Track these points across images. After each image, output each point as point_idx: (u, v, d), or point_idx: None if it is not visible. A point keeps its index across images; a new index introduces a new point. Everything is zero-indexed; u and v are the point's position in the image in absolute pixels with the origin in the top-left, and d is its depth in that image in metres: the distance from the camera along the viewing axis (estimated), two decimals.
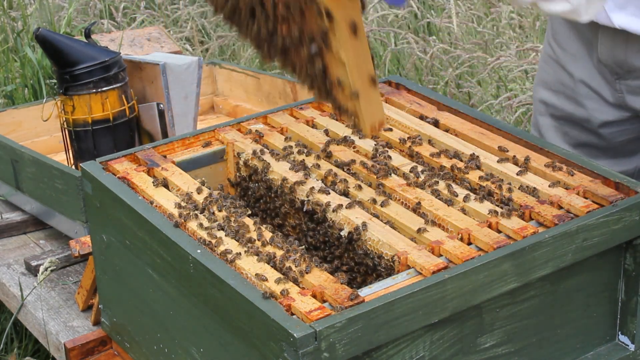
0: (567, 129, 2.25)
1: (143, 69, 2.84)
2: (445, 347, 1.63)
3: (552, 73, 2.27)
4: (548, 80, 2.28)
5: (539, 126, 2.32)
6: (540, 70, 2.33)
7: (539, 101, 2.31)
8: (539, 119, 2.32)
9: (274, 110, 2.15)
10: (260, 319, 1.51)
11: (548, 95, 2.28)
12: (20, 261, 2.63)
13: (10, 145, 2.73)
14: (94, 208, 1.96)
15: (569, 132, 2.25)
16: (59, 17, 4.60)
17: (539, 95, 2.31)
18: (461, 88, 4.20)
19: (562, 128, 2.26)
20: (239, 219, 1.76)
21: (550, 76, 2.27)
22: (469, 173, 1.88)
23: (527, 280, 1.66)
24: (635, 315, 1.80)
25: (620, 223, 1.72)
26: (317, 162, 1.94)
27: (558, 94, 2.25)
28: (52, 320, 2.36)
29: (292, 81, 3.25)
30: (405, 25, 4.79)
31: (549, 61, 2.27)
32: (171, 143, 2.05)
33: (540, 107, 2.31)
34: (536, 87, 2.33)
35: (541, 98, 2.30)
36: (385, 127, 2.05)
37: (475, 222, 1.72)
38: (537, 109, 2.33)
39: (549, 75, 2.28)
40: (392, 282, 1.59)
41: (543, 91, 2.30)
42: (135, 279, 1.87)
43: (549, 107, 2.28)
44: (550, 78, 2.28)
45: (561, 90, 2.24)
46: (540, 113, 2.31)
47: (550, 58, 2.27)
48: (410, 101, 2.17)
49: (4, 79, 4.04)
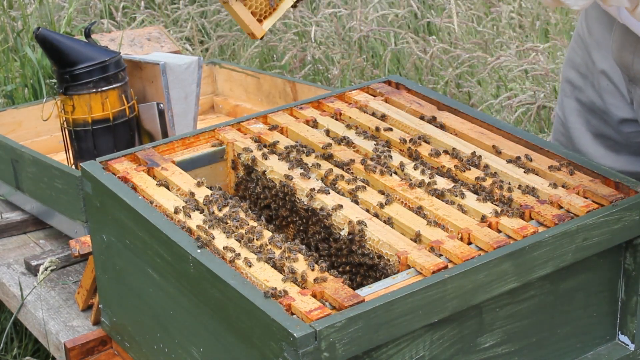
0: (590, 116, 2.13)
1: (143, 69, 2.84)
2: (445, 346, 1.63)
3: (580, 55, 2.12)
4: (577, 61, 2.14)
5: (563, 107, 2.19)
6: (570, 49, 2.18)
7: (566, 81, 2.18)
8: (564, 99, 2.19)
9: (274, 110, 2.15)
10: (260, 319, 1.51)
11: (575, 76, 2.14)
12: (20, 261, 2.63)
13: (10, 145, 2.73)
14: (94, 208, 1.96)
15: (590, 119, 2.13)
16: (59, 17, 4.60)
17: (566, 74, 2.17)
18: (461, 88, 4.20)
19: (585, 114, 2.14)
20: (238, 219, 1.76)
21: (579, 58, 2.13)
22: (469, 173, 1.88)
23: (527, 280, 1.66)
24: (635, 314, 1.80)
25: (620, 223, 1.72)
26: (317, 162, 1.94)
27: (585, 79, 2.12)
28: (52, 320, 2.36)
29: (292, 81, 3.25)
30: (405, 25, 4.79)
31: (579, 41, 2.13)
32: (171, 143, 2.05)
33: (566, 87, 2.18)
34: (565, 66, 2.19)
35: (568, 78, 2.17)
36: (386, 127, 2.05)
37: (475, 222, 1.72)
38: (563, 89, 2.19)
39: (577, 56, 2.14)
40: (392, 282, 1.59)
41: (571, 71, 2.16)
42: (135, 278, 1.87)
43: (575, 89, 2.15)
44: (579, 60, 2.14)
45: (586, 75, 2.11)
46: (566, 94, 2.18)
47: (580, 38, 2.12)
48: (410, 101, 2.17)
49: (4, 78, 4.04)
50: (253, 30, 1.85)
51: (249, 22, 1.84)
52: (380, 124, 2.07)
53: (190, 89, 2.85)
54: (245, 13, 1.84)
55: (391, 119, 2.10)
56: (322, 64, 4.50)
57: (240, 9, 1.83)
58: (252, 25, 1.85)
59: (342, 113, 2.13)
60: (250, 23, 1.85)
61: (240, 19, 1.84)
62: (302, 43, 4.66)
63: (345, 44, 4.64)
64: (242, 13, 1.83)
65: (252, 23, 1.85)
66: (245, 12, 1.84)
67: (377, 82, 2.26)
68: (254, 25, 1.85)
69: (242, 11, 1.83)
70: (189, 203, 1.81)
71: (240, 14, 1.83)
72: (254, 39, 1.89)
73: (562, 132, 2.20)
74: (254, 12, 1.85)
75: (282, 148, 2.00)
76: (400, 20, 4.74)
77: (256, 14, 1.86)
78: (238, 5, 1.82)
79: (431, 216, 1.75)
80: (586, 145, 2.14)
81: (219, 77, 3.48)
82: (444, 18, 4.49)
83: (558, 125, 2.22)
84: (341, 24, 4.73)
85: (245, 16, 1.84)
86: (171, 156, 2.01)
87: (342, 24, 4.74)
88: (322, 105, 2.18)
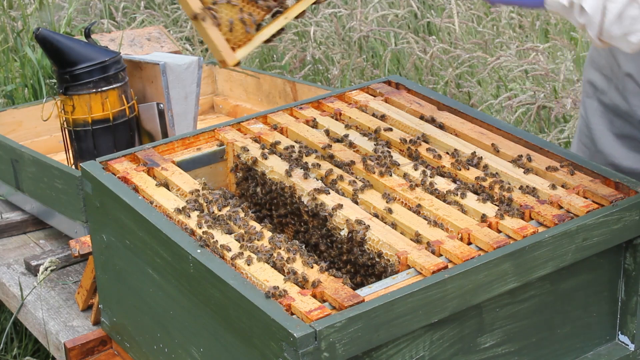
0: (613, 117, 2.13)
1: (143, 69, 2.84)
2: (445, 346, 1.63)
3: (605, 57, 2.12)
4: (600, 63, 2.14)
5: (585, 108, 2.19)
6: (593, 51, 2.18)
7: (588, 82, 2.18)
8: (586, 101, 2.19)
9: (274, 110, 2.15)
10: (260, 319, 1.51)
11: (598, 78, 2.15)
12: (20, 261, 2.63)
13: (10, 145, 2.73)
14: (94, 208, 1.96)
15: (614, 120, 2.14)
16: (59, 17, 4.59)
17: (588, 76, 2.18)
18: (461, 88, 4.20)
19: (608, 115, 2.14)
20: (239, 219, 1.76)
21: (603, 59, 2.13)
22: (469, 173, 1.88)
23: (527, 280, 1.66)
24: (635, 314, 1.80)
25: (620, 223, 1.72)
26: (317, 162, 1.93)
27: (608, 80, 2.12)
28: (52, 320, 2.36)
29: (292, 81, 3.25)
30: (405, 25, 4.79)
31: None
32: (171, 143, 2.05)
33: (588, 88, 2.19)
34: (587, 67, 2.19)
35: (590, 79, 2.17)
36: (385, 127, 2.05)
37: (475, 222, 1.72)
38: (585, 90, 2.20)
39: (601, 57, 2.14)
40: (392, 282, 1.59)
41: (593, 73, 2.16)
42: (135, 278, 1.87)
43: (597, 91, 2.15)
44: (602, 61, 2.13)
45: (610, 77, 2.12)
46: (588, 95, 2.19)
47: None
48: (410, 101, 2.17)
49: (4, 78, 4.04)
50: (225, 57, 1.78)
51: (222, 48, 1.77)
52: (380, 124, 2.07)
53: (190, 89, 2.85)
54: (219, 39, 1.76)
55: (391, 119, 2.10)
56: (322, 64, 4.50)
57: (214, 33, 1.76)
58: (225, 52, 1.77)
59: (342, 113, 2.13)
60: (223, 50, 1.77)
61: (214, 44, 1.76)
62: (302, 43, 4.66)
63: (345, 44, 4.64)
64: (216, 38, 1.76)
65: (225, 50, 1.77)
66: (219, 37, 1.76)
67: (377, 82, 2.26)
68: (227, 52, 1.78)
69: (216, 36, 1.76)
70: (189, 203, 1.81)
71: (213, 38, 1.76)
72: (224, 67, 1.80)
73: (586, 133, 2.20)
74: (228, 38, 1.78)
75: (282, 148, 2.00)
76: (400, 20, 4.74)
77: (230, 41, 1.78)
78: (212, 30, 1.76)
79: (431, 216, 1.75)
80: (608, 146, 2.14)
81: (219, 77, 3.48)
82: (444, 18, 4.49)
83: (582, 126, 2.22)
84: (341, 24, 4.73)
85: (219, 42, 1.76)
86: (171, 156, 2.01)
87: (342, 24, 4.74)
88: (322, 105, 2.18)
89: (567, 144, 3.71)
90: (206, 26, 1.75)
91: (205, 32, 1.76)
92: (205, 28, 1.75)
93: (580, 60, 4.17)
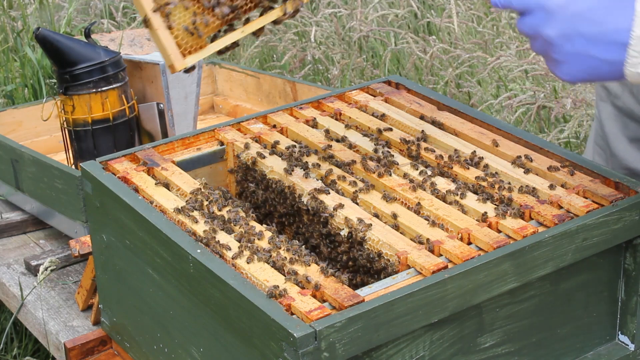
0: (628, 121, 2.13)
1: (143, 69, 2.84)
2: (445, 346, 1.63)
3: None
4: None
5: (599, 110, 2.18)
6: None
7: (601, 86, 2.17)
8: (599, 103, 2.18)
9: (274, 110, 2.15)
10: (260, 319, 1.51)
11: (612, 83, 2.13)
12: (20, 261, 2.63)
13: (10, 145, 2.73)
14: (94, 208, 1.96)
15: (628, 124, 2.13)
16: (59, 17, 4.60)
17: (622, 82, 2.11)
18: (461, 88, 4.20)
19: (622, 119, 2.13)
20: (239, 219, 1.76)
21: None
22: (469, 173, 1.88)
23: (527, 280, 1.66)
24: (635, 314, 1.80)
25: (620, 223, 1.72)
26: (317, 162, 1.94)
27: (623, 85, 2.10)
28: (52, 320, 2.37)
29: (292, 81, 3.25)
30: (405, 25, 4.79)
31: None
32: (171, 143, 2.05)
33: (601, 92, 2.17)
34: None
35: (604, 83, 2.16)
36: (385, 127, 2.05)
37: (475, 222, 1.72)
38: (598, 93, 2.19)
39: None
40: (392, 282, 1.59)
41: None
42: (135, 278, 1.87)
43: (611, 95, 2.14)
44: None
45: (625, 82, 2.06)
46: (602, 98, 2.17)
47: None
48: (410, 101, 2.17)
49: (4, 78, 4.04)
50: (173, 61, 1.74)
51: (172, 52, 1.74)
52: (381, 124, 2.07)
53: (190, 89, 2.85)
54: (170, 43, 1.73)
55: (391, 119, 2.10)
56: (322, 64, 4.50)
57: (165, 37, 1.73)
58: (174, 56, 1.74)
59: (342, 113, 2.13)
60: (172, 53, 1.74)
61: (164, 47, 1.73)
62: (302, 43, 4.66)
63: (345, 44, 4.64)
64: (166, 42, 1.73)
65: (174, 53, 1.74)
66: (170, 41, 1.73)
67: (377, 82, 2.26)
68: (175, 56, 1.74)
69: (166, 40, 1.73)
70: (189, 203, 1.81)
71: (164, 42, 1.73)
72: (173, 72, 1.77)
73: (600, 135, 2.19)
74: (179, 43, 1.75)
75: (282, 148, 2.00)
76: (400, 20, 4.75)
77: (181, 45, 1.75)
78: (163, 33, 1.72)
79: (431, 216, 1.75)
80: (622, 150, 2.14)
81: (219, 77, 3.48)
82: (444, 18, 4.50)
83: (597, 128, 2.21)
84: (341, 24, 4.73)
85: (169, 46, 1.73)
86: (171, 156, 2.01)
87: (342, 24, 4.74)
88: (322, 105, 2.18)
89: (567, 144, 3.71)
90: (157, 28, 1.72)
91: (156, 34, 1.73)
92: (156, 30, 1.72)
93: None
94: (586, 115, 3.70)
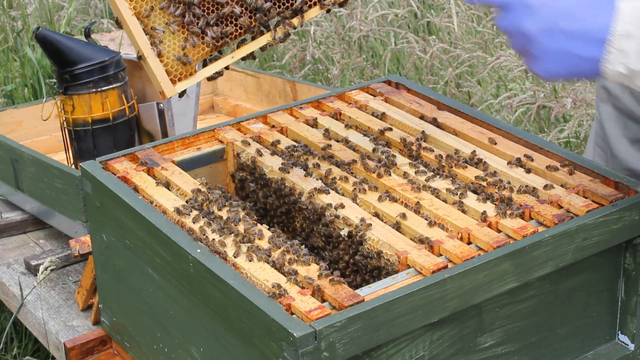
0: (628, 122, 2.13)
1: (143, 69, 2.84)
2: (445, 346, 1.63)
3: None
4: None
5: (600, 112, 2.18)
6: None
7: (602, 87, 2.17)
8: (600, 105, 2.18)
9: (274, 110, 2.15)
10: (260, 319, 1.51)
11: (612, 84, 2.13)
12: (20, 261, 2.63)
13: (10, 144, 2.73)
14: (93, 208, 1.96)
15: (629, 125, 2.13)
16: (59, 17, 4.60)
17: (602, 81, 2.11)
18: (461, 87, 4.20)
19: (623, 120, 2.13)
20: (239, 219, 1.76)
21: None
22: (469, 172, 1.88)
23: (526, 279, 1.66)
24: (635, 314, 1.80)
25: (620, 222, 1.72)
26: (317, 162, 1.94)
27: (623, 86, 2.08)
28: (52, 320, 2.37)
29: (292, 81, 3.25)
30: (405, 25, 4.79)
31: None
32: (171, 143, 2.05)
33: (602, 93, 2.17)
34: None
35: (604, 84, 2.15)
36: (385, 127, 2.05)
37: (475, 222, 1.72)
38: (598, 94, 2.19)
39: None
40: (392, 282, 1.59)
41: None
42: (135, 278, 1.87)
43: (611, 96, 2.14)
44: None
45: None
46: (602, 99, 2.17)
47: None
48: (410, 101, 2.17)
49: (4, 78, 4.04)
50: (164, 88, 1.77)
51: (162, 79, 1.77)
52: (380, 123, 2.07)
53: (190, 88, 2.85)
54: (160, 70, 1.77)
55: (391, 119, 2.10)
56: (322, 63, 4.50)
57: (156, 65, 1.76)
58: (164, 83, 1.77)
59: (342, 113, 2.13)
60: (162, 81, 1.77)
61: (154, 74, 1.76)
62: (302, 43, 4.66)
63: (345, 44, 4.64)
64: (156, 69, 1.76)
65: (164, 81, 1.77)
66: (159, 68, 1.77)
67: (377, 82, 2.26)
68: (166, 84, 1.77)
69: (156, 67, 1.76)
70: (189, 203, 1.81)
71: (154, 69, 1.76)
72: (163, 98, 1.81)
73: (601, 136, 2.19)
74: (168, 70, 1.78)
75: (282, 148, 2.00)
76: (400, 20, 4.74)
77: (171, 72, 1.78)
78: (154, 60, 1.76)
79: (431, 216, 1.75)
80: (623, 151, 2.13)
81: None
82: (443, 18, 4.49)
83: (597, 128, 2.21)
84: (341, 23, 4.73)
85: (158, 73, 1.76)
86: (171, 156, 2.01)
87: (342, 23, 4.74)
88: (322, 105, 2.18)
89: (567, 144, 3.71)
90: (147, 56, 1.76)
91: (147, 63, 1.77)
92: (146, 58, 1.76)
93: None
94: (586, 115, 3.69)
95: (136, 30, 1.76)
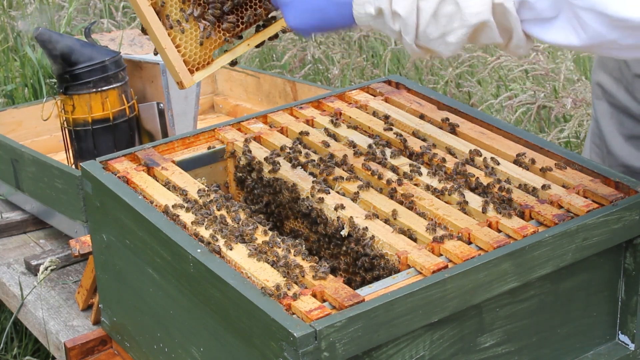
0: (623, 118, 2.12)
1: (143, 69, 2.84)
2: (445, 346, 1.63)
3: (614, 59, 2.08)
4: (609, 65, 2.11)
5: (595, 109, 2.18)
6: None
7: (597, 84, 2.16)
8: (595, 102, 2.18)
9: (274, 110, 2.16)
10: (260, 319, 1.51)
11: (607, 80, 2.12)
12: (20, 260, 2.63)
13: (10, 144, 2.73)
14: (94, 207, 1.96)
15: (624, 122, 2.12)
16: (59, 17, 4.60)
17: (597, 78, 2.15)
18: (461, 87, 4.20)
19: (618, 116, 2.13)
20: (238, 219, 1.76)
21: (612, 61, 2.10)
22: (469, 172, 1.88)
23: (527, 279, 1.66)
24: (635, 314, 1.80)
25: (620, 222, 1.72)
26: (317, 162, 1.93)
27: (617, 82, 2.10)
28: (52, 320, 2.37)
29: (292, 80, 3.25)
30: None
31: None
32: (171, 142, 2.05)
33: (597, 90, 2.16)
34: (595, 69, 2.16)
35: (599, 81, 2.15)
36: (386, 127, 2.05)
37: (475, 222, 1.72)
38: (594, 92, 2.18)
39: (609, 59, 2.10)
40: (392, 282, 1.59)
41: (602, 75, 2.13)
42: (135, 278, 1.87)
43: (606, 93, 2.14)
44: (611, 63, 2.10)
45: (620, 79, 2.09)
46: (597, 97, 2.17)
47: None
48: (410, 100, 2.17)
49: (4, 78, 4.04)
50: (182, 78, 1.79)
51: (180, 69, 1.78)
52: (381, 123, 2.07)
53: (190, 88, 2.85)
54: (178, 60, 1.78)
55: (391, 119, 2.10)
56: (322, 63, 4.50)
57: (174, 55, 1.78)
58: (182, 74, 1.79)
59: (342, 113, 2.13)
60: (180, 71, 1.79)
61: (172, 65, 1.78)
62: (302, 43, 4.66)
63: (345, 44, 4.64)
64: (174, 60, 1.78)
65: (182, 71, 1.79)
66: (177, 59, 1.78)
67: (377, 81, 2.26)
68: (184, 74, 1.79)
69: (174, 58, 1.78)
70: (188, 203, 1.81)
71: (172, 60, 1.77)
72: (182, 88, 1.82)
73: (597, 134, 2.20)
74: (186, 60, 1.80)
75: (282, 148, 1.99)
76: None
77: (189, 62, 1.80)
78: (172, 52, 1.77)
79: (431, 216, 1.75)
80: (619, 148, 2.13)
81: (219, 77, 3.48)
82: None
83: (594, 127, 2.22)
84: None
85: (177, 63, 1.78)
86: (171, 156, 2.01)
87: None
88: (322, 105, 2.18)
89: (567, 144, 3.71)
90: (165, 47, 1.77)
91: (165, 54, 1.78)
92: (164, 49, 1.77)
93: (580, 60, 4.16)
94: (586, 115, 3.69)
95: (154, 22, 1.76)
